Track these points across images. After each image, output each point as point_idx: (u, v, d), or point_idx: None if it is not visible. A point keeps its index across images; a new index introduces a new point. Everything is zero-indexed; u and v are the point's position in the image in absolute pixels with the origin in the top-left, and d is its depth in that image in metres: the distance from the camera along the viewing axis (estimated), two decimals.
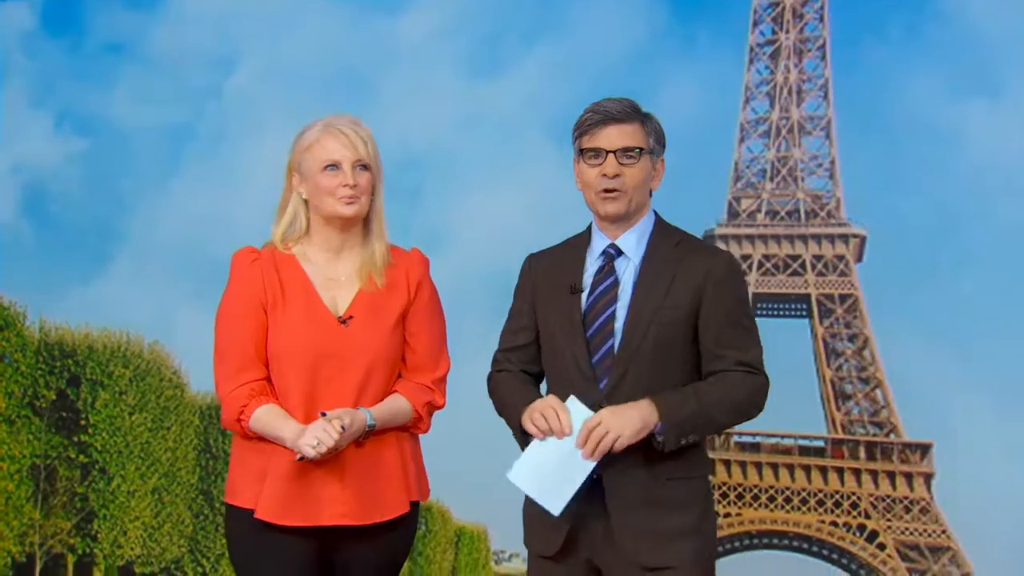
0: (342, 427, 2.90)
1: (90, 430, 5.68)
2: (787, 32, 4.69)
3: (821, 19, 4.68)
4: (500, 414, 3.10)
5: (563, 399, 2.87)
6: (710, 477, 3.39)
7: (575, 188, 3.42)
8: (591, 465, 2.80)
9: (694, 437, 2.83)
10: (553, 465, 2.86)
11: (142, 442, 5.57)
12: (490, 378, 3.18)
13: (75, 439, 5.64)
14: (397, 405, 3.10)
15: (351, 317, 3.09)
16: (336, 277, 3.16)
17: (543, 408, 2.80)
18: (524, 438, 2.94)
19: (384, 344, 3.10)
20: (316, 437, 2.87)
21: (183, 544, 5.53)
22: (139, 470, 5.52)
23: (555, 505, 2.85)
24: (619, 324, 2.91)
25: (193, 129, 5.63)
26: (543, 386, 3.11)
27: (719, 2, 4.61)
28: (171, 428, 5.61)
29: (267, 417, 3.01)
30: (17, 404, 5.71)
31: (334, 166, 3.04)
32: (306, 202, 3.14)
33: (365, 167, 3.22)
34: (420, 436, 3.28)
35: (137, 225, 5.84)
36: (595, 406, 2.82)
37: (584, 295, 2.97)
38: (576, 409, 2.83)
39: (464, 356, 3.61)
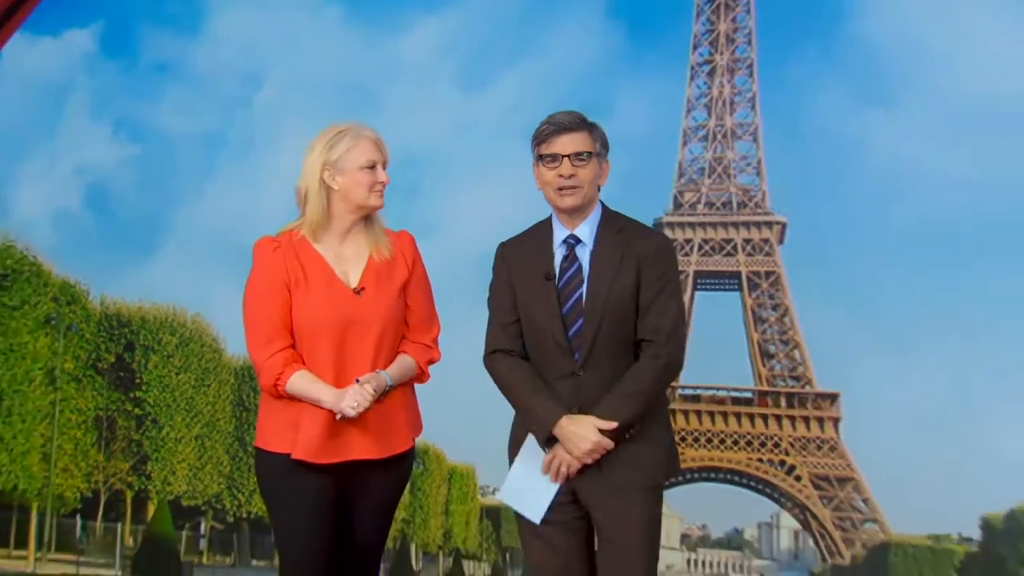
0: (373, 390, 3.14)
1: (143, 387, 5.60)
2: (721, 54, 4.67)
3: (749, 43, 4.67)
4: (505, 393, 3.21)
5: (543, 368, 2.55)
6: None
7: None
8: (557, 485, 3.07)
9: (636, 426, 3.06)
10: (530, 488, 3.11)
11: (187, 397, 5.49)
12: (492, 357, 3.26)
13: (131, 395, 5.57)
14: (407, 363, 3.23)
15: (363, 288, 3.24)
16: (345, 255, 3.28)
17: (554, 460, 3.01)
18: (539, 436, 3.15)
19: (392, 310, 3.22)
20: (356, 400, 3.07)
21: (222, 482, 5.47)
22: (184, 420, 5.44)
23: (535, 515, 3.10)
24: (585, 300, 3.11)
25: (225, 136, 5.69)
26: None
27: (664, 28, 4.64)
28: (211, 386, 5.54)
29: (302, 382, 3.13)
30: (83, 366, 5.63)
31: (372, 166, 3.22)
32: (332, 193, 3.29)
33: (384, 167, 3.27)
34: (418, 389, 3.45)
35: (180, 217, 5.88)
36: (571, 375, 3.01)
37: (556, 281, 3.15)
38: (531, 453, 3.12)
39: (456, 323, 3.76)
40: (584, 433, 3.13)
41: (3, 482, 5.89)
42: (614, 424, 3.18)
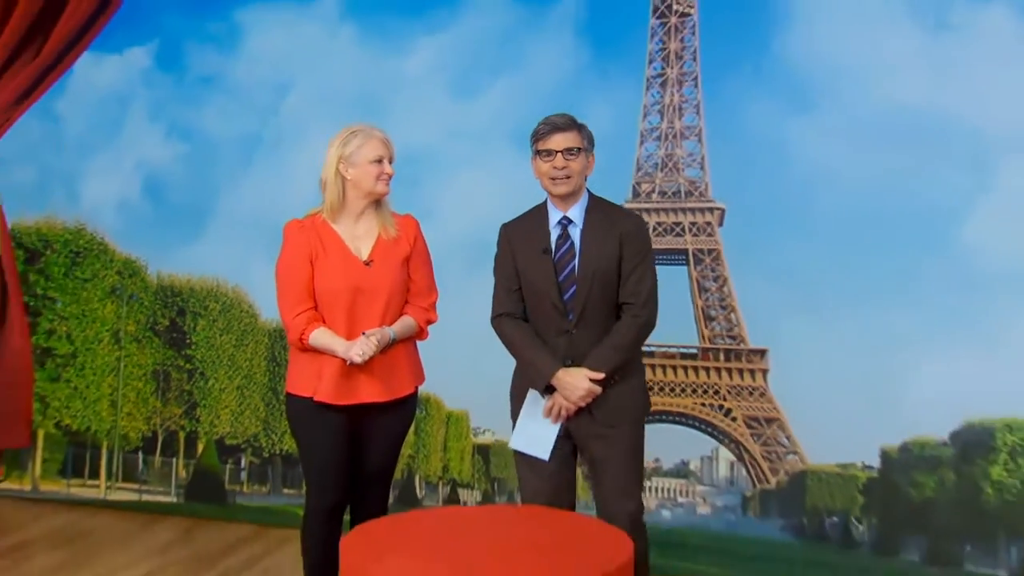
0: (377, 342, 3.41)
1: (192, 346, 5.81)
2: (672, 68, 4.81)
3: (695, 59, 4.81)
4: (515, 356, 3.58)
5: (541, 328, 3.48)
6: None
7: (529, 178, 3.74)
8: (558, 425, 3.47)
9: (619, 374, 3.42)
10: (535, 433, 3.44)
11: (228, 354, 5.69)
12: (498, 319, 3.60)
13: (182, 352, 5.78)
14: (408, 323, 3.61)
15: (372, 261, 3.54)
16: (358, 234, 3.59)
17: (553, 405, 3.41)
18: (537, 387, 3.52)
19: (396, 280, 3.56)
20: (362, 349, 3.38)
21: (258, 424, 5.65)
22: (227, 374, 5.65)
23: (544, 454, 3.45)
24: (576, 270, 3.42)
25: (259, 137, 5.81)
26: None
27: (624, 46, 4.74)
28: (248, 344, 5.72)
29: (321, 336, 3.49)
30: (142, 328, 5.83)
31: (379, 160, 3.52)
32: (347, 183, 3.56)
33: (387, 170, 3.56)
34: (421, 347, 3.81)
35: (222, 204, 6.00)
36: (565, 332, 3.43)
37: (552, 255, 3.45)
38: (534, 403, 3.51)
39: (452, 291, 4.08)
40: (577, 382, 3.49)
41: (78, 424, 6.04)
42: (602, 374, 3.47)
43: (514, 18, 5.00)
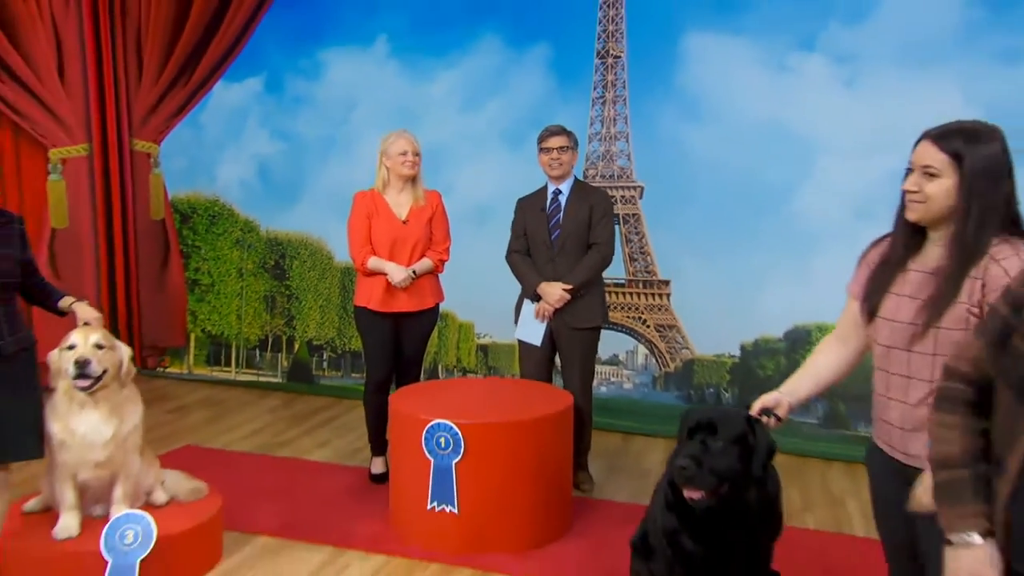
0: (412, 273, 3.74)
1: (290, 279, 6.02)
2: (608, 92, 5.01)
3: (624, 86, 4.99)
4: (516, 276, 3.96)
5: (536, 258, 3.85)
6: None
7: (512, 165, 4.33)
8: (544, 324, 3.78)
9: (586, 288, 3.75)
10: (530, 328, 3.82)
11: (313, 284, 5.86)
12: (511, 255, 3.98)
13: (283, 283, 5.98)
14: (426, 263, 3.89)
15: (408, 221, 3.84)
16: (399, 202, 3.86)
17: (539, 308, 3.77)
18: (529, 296, 3.87)
19: (422, 234, 3.85)
20: (405, 277, 3.72)
21: (334, 331, 5.85)
22: (313, 297, 5.84)
23: (537, 341, 3.84)
24: (562, 225, 3.81)
25: (334, 138, 5.95)
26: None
27: (578, 79, 4.89)
28: (327, 278, 5.89)
29: (374, 262, 3.81)
30: (256, 267, 6.00)
31: (404, 153, 3.78)
32: (387, 168, 3.85)
33: (416, 154, 3.80)
34: (441, 278, 4.13)
35: (309, 183, 6.10)
36: (550, 260, 3.80)
37: (546, 212, 3.84)
38: (533, 308, 3.81)
39: (463, 241, 4.34)
40: (553, 290, 3.88)
41: (216, 330, 6.27)
42: (571, 285, 3.88)
43: (504, 58, 5.12)
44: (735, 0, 4.45)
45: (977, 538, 1.29)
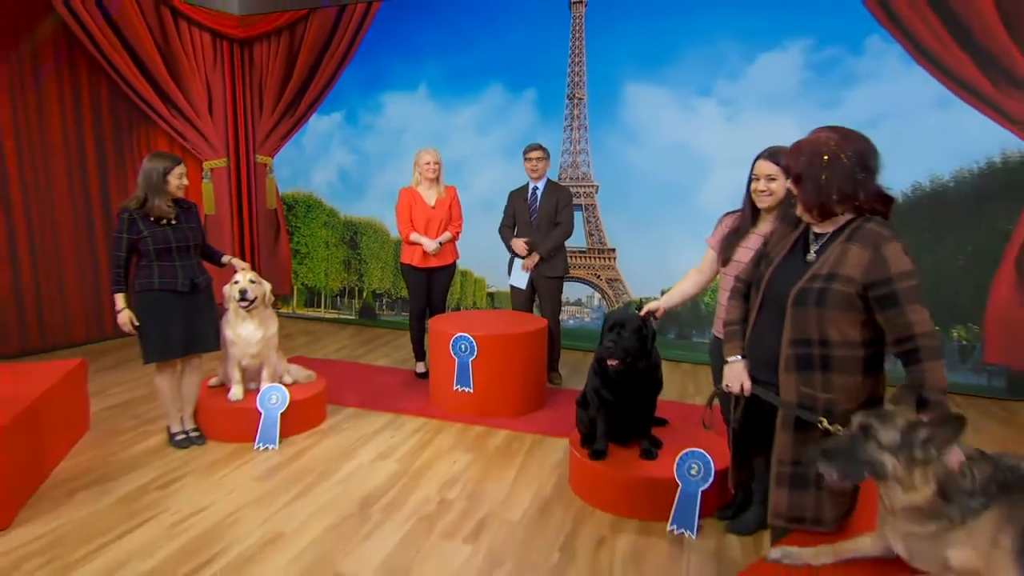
0: (439, 244, 3.75)
1: (360, 250, 6.20)
2: (576, 121, 5.21)
3: (586, 118, 5.16)
4: (503, 240, 3.92)
5: (522, 234, 3.83)
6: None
7: (509, 171, 4.36)
8: (527, 275, 3.78)
9: (553, 252, 3.73)
10: (518, 277, 3.83)
11: (376, 252, 6.04)
12: (502, 228, 3.91)
13: (356, 251, 6.15)
14: (448, 235, 3.87)
15: (435, 206, 3.84)
16: (429, 195, 3.84)
17: (524, 263, 3.72)
18: (512, 256, 3.86)
19: (444, 216, 3.85)
20: (435, 247, 3.74)
21: (389, 283, 6.07)
22: (375, 261, 6.04)
23: (521, 285, 3.82)
24: (538, 210, 3.77)
25: (392, 154, 6.13)
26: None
27: (555, 112, 5.07)
28: (385, 248, 6.12)
29: (415, 236, 3.84)
30: (337, 241, 6.21)
31: (428, 163, 3.79)
32: (419, 173, 3.84)
33: (436, 163, 3.82)
34: (458, 244, 4.06)
35: (373, 183, 6.24)
36: (530, 233, 3.79)
37: (528, 202, 3.78)
38: (520, 264, 3.75)
39: (473, 220, 4.36)
40: (519, 244, 3.82)
41: (311, 283, 6.57)
42: (543, 251, 3.76)
43: (504, 99, 5.08)
44: (658, 62, 4.47)
45: (738, 359, 1.64)
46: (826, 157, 1.37)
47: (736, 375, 1.63)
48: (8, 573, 1.86)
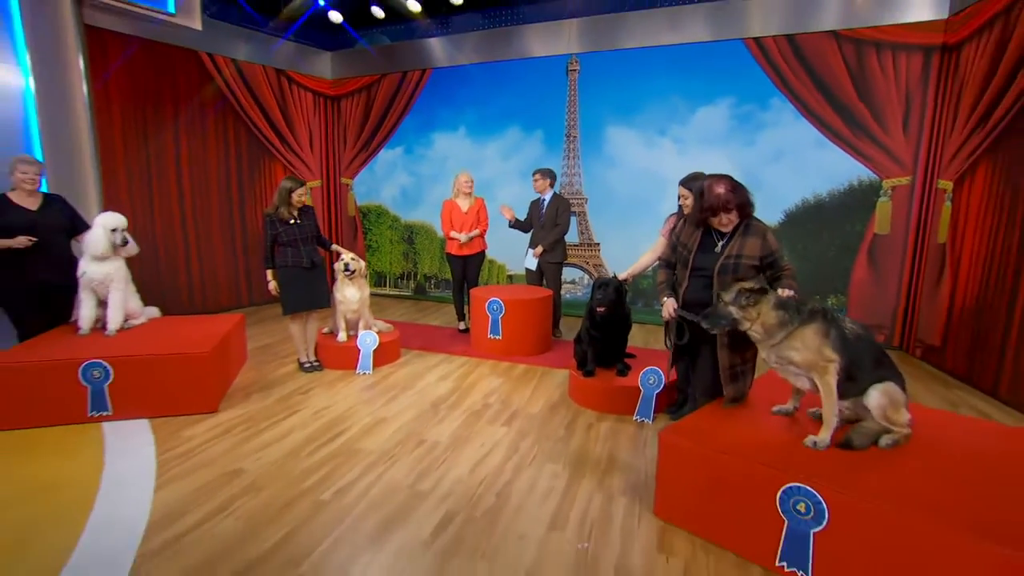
0: (470, 236, 3.76)
1: (415, 245, 6.42)
2: (571, 150, 5.39)
3: (579, 148, 5.35)
4: (522, 229, 3.81)
5: (534, 231, 3.72)
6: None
7: (522, 189, 4.41)
8: (536, 260, 3.72)
9: (553, 244, 3.64)
10: (530, 260, 3.78)
11: (427, 246, 6.20)
12: (522, 222, 3.81)
13: (412, 247, 6.36)
14: (477, 232, 3.84)
15: (467, 213, 3.81)
16: (464, 205, 3.81)
17: (535, 252, 3.62)
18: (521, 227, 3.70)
19: (474, 220, 3.82)
20: (467, 238, 3.76)
21: (436, 269, 6.27)
22: (427, 253, 6.21)
23: (533, 267, 3.78)
24: (544, 215, 3.70)
25: (438, 175, 6.32)
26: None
27: (556, 143, 5.28)
28: (434, 244, 6.30)
29: (454, 234, 3.84)
30: (399, 239, 6.37)
31: (465, 182, 3.77)
32: (456, 188, 3.82)
33: (469, 183, 3.80)
34: (486, 237, 4.01)
35: (425, 196, 6.39)
36: (538, 231, 3.74)
37: (540, 210, 3.73)
38: (531, 252, 3.64)
39: (497, 221, 4.39)
40: (536, 249, 3.75)
41: (380, 268, 6.83)
42: (545, 244, 3.71)
43: (521, 137, 5.08)
44: (630, 111, 4.55)
45: (667, 299, 2.02)
46: (748, 193, 1.89)
47: (668, 307, 2.01)
48: (225, 432, 2.35)
